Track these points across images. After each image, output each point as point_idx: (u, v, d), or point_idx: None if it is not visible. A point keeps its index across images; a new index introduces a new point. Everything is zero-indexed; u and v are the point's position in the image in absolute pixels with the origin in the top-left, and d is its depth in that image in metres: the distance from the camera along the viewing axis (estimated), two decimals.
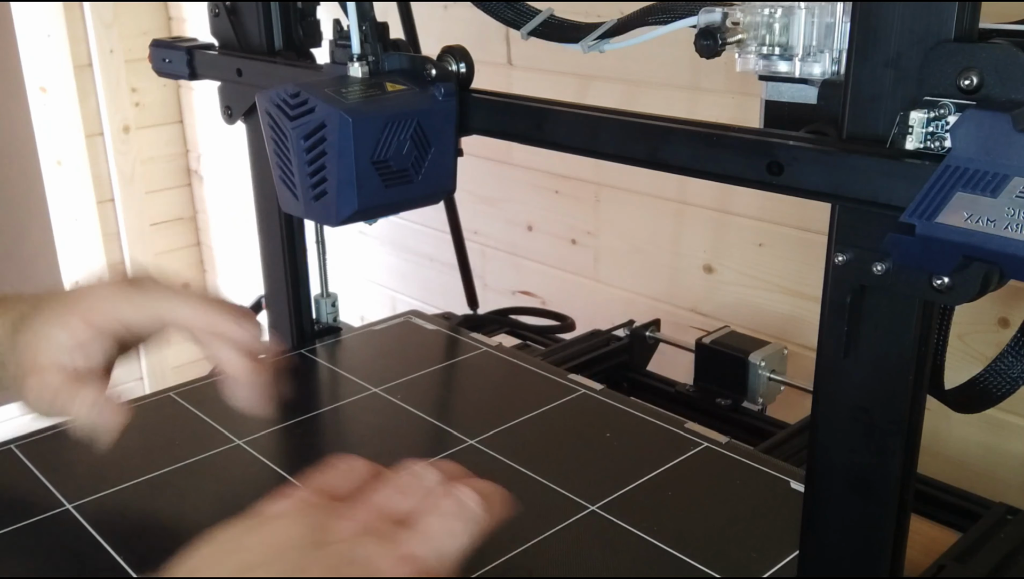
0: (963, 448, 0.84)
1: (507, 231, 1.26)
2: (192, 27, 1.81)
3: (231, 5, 0.71)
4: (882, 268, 0.38)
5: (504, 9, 0.55)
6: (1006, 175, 0.33)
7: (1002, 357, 0.43)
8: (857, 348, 0.40)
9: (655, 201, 1.06)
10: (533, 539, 0.53)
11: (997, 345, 0.78)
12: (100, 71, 1.78)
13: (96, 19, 1.76)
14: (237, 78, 0.71)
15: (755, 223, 0.97)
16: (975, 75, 0.34)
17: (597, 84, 1.06)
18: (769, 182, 0.41)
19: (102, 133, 1.83)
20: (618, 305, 1.13)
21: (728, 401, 0.74)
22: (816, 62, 0.42)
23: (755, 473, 0.60)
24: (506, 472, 0.60)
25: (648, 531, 0.54)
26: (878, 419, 0.41)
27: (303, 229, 0.77)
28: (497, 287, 1.30)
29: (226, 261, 1.97)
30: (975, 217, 0.34)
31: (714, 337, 0.76)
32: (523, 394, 0.71)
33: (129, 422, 0.52)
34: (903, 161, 0.36)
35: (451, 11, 1.18)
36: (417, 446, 0.64)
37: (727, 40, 0.43)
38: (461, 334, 0.82)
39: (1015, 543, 0.54)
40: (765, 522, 0.55)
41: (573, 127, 0.48)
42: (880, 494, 0.41)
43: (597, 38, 0.50)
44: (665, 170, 0.44)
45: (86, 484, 0.59)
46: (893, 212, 0.36)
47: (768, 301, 0.98)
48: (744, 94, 0.92)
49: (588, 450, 0.63)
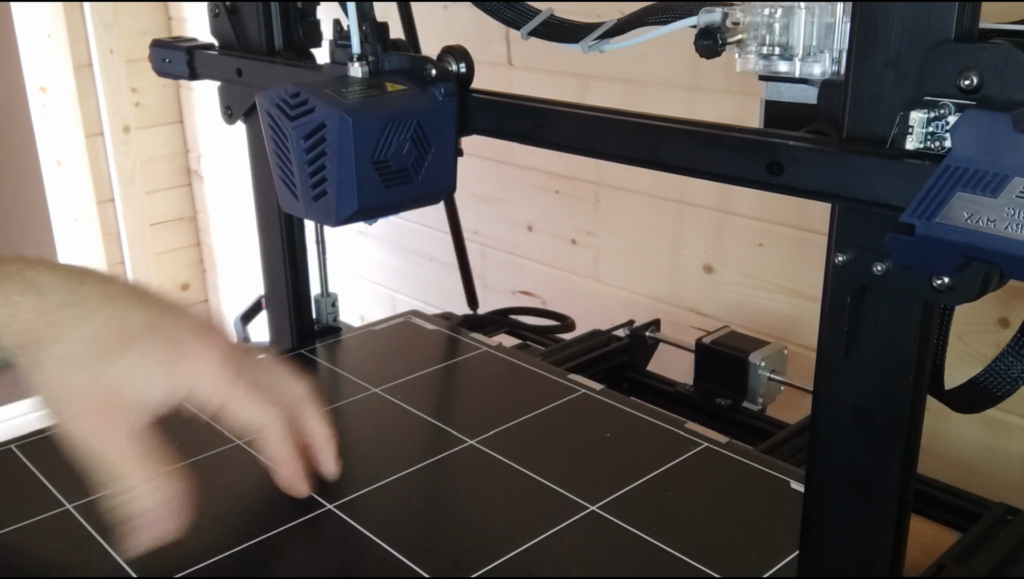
0: (963, 448, 0.84)
1: (507, 231, 1.26)
2: (192, 27, 1.81)
3: (231, 5, 0.71)
4: (882, 268, 0.38)
5: (504, 9, 0.55)
6: (1006, 175, 0.33)
7: (1002, 357, 0.43)
8: (857, 348, 0.40)
9: (655, 201, 1.06)
10: (533, 539, 0.53)
11: (997, 345, 0.78)
12: (100, 71, 1.78)
13: (96, 19, 1.76)
14: (237, 78, 0.71)
15: (755, 223, 0.97)
16: (975, 75, 0.34)
17: (597, 84, 1.06)
18: (769, 182, 0.41)
19: (102, 133, 1.83)
20: (618, 305, 1.13)
21: (728, 401, 0.74)
22: (816, 62, 0.42)
23: (755, 473, 0.60)
24: (506, 472, 0.60)
25: (648, 531, 0.54)
26: (878, 419, 0.41)
27: (303, 229, 0.77)
28: (497, 287, 1.30)
29: (226, 261, 1.97)
30: (975, 217, 0.34)
31: (714, 337, 0.76)
32: (523, 394, 0.71)
33: None
34: (903, 161, 0.36)
35: (451, 11, 1.18)
36: (417, 446, 0.64)
37: (727, 40, 0.43)
38: (461, 334, 0.82)
39: (1015, 543, 0.54)
40: (765, 522, 0.55)
41: (573, 127, 0.48)
42: (880, 494, 0.41)
43: (597, 38, 0.50)
44: (665, 170, 0.44)
45: (86, 484, 0.59)
46: (893, 212, 0.36)
47: (768, 301, 0.98)
48: (744, 94, 0.92)
49: (588, 450, 0.63)
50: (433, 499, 0.59)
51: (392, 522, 0.55)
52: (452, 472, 0.61)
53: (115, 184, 1.86)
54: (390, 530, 0.54)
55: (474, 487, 0.59)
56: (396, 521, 0.55)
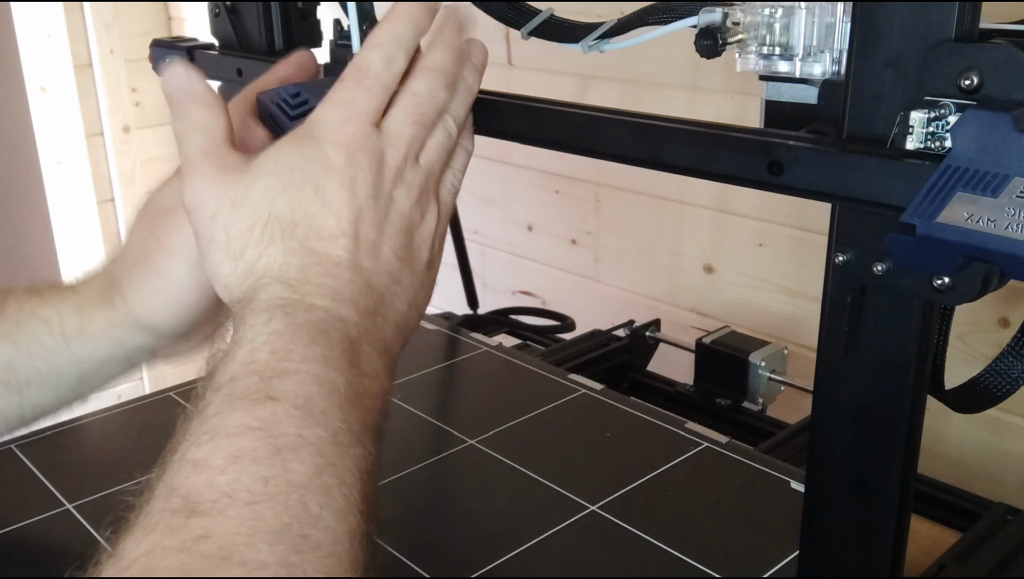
0: (963, 448, 0.84)
1: (507, 231, 1.26)
2: (192, 27, 1.80)
3: (231, 5, 0.71)
4: (882, 268, 0.38)
5: (504, 9, 0.55)
6: (1006, 175, 0.33)
7: (1002, 357, 0.43)
8: (857, 348, 0.40)
9: (655, 201, 1.06)
10: (533, 539, 0.53)
11: (997, 345, 0.78)
12: (100, 71, 1.78)
13: (96, 19, 1.76)
14: (237, 78, 0.71)
15: (755, 223, 0.97)
16: (975, 75, 0.34)
17: (597, 84, 1.06)
18: (769, 182, 0.40)
19: (102, 133, 1.83)
20: (618, 305, 1.13)
21: (728, 401, 0.74)
22: (816, 62, 0.42)
23: (755, 473, 0.60)
24: (506, 472, 0.60)
25: (648, 531, 0.54)
26: (878, 419, 0.41)
27: None
28: (497, 287, 1.30)
29: None
30: (975, 217, 0.34)
31: (714, 337, 0.76)
32: (523, 394, 0.71)
33: (129, 421, 0.52)
34: (903, 161, 0.36)
35: None
36: (417, 446, 0.64)
37: (727, 40, 0.43)
38: (461, 334, 0.82)
39: (1015, 543, 0.54)
40: (765, 522, 0.55)
41: (573, 127, 0.48)
42: (880, 494, 0.41)
43: (597, 38, 0.50)
44: (665, 170, 0.44)
45: (86, 484, 0.59)
46: (893, 212, 0.36)
47: (768, 301, 0.98)
48: (744, 94, 0.92)
49: (588, 450, 0.63)
50: (433, 499, 0.59)
51: (392, 522, 0.55)
52: (452, 472, 0.61)
53: (115, 184, 1.86)
54: (390, 530, 0.54)
55: (474, 487, 0.59)
56: (396, 521, 0.55)
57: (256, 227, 0.43)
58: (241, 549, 0.30)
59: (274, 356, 0.37)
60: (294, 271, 0.41)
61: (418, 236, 0.47)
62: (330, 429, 0.36)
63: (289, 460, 0.34)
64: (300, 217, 0.43)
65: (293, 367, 0.37)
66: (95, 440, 0.66)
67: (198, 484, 0.32)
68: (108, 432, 0.67)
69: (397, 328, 0.45)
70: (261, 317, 0.39)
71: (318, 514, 0.33)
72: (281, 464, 0.33)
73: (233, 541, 0.30)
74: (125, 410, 0.69)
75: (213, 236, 0.43)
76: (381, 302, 0.44)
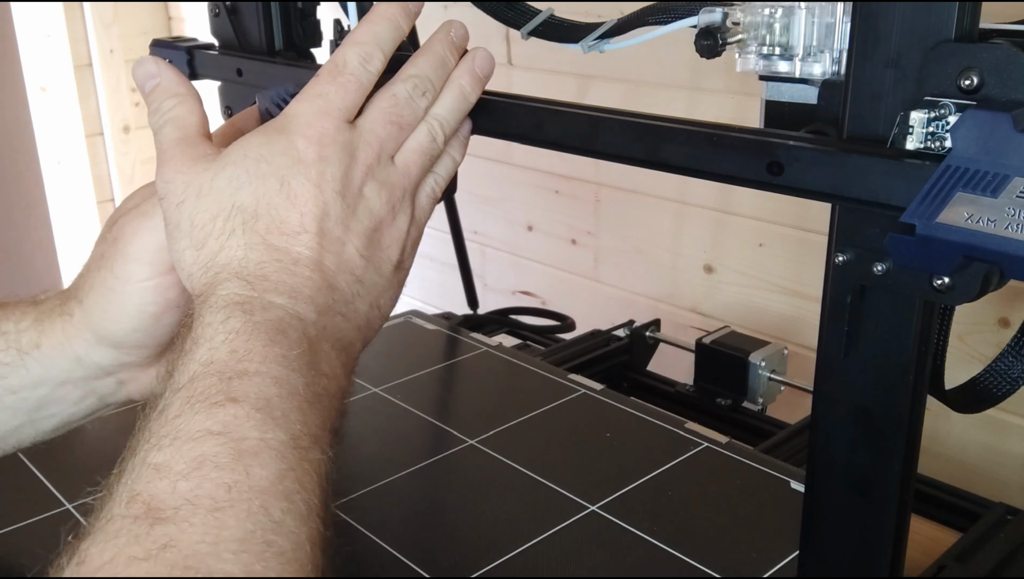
0: (963, 448, 0.84)
1: (507, 231, 1.26)
2: (192, 27, 1.80)
3: (231, 5, 0.71)
4: (882, 268, 0.38)
5: (504, 9, 0.55)
6: (1006, 175, 0.33)
7: (1002, 357, 0.43)
8: (857, 348, 0.40)
9: (655, 201, 1.06)
10: (533, 539, 0.53)
11: (997, 345, 0.78)
12: (100, 71, 1.78)
13: (96, 19, 1.76)
14: (237, 78, 0.71)
15: (755, 223, 0.97)
16: (975, 75, 0.34)
17: (597, 84, 1.06)
18: (769, 182, 0.40)
19: (102, 133, 1.83)
20: (618, 305, 1.13)
21: (728, 401, 0.74)
22: (816, 62, 0.42)
23: (755, 473, 0.60)
24: (506, 472, 0.60)
25: (648, 531, 0.54)
26: (878, 419, 0.41)
27: None
28: (497, 287, 1.30)
29: None
30: (975, 217, 0.34)
31: (714, 337, 0.76)
32: (523, 394, 0.71)
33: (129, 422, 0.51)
34: (903, 161, 0.36)
35: (451, 11, 1.17)
36: (417, 446, 0.64)
37: (727, 40, 0.43)
38: (461, 334, 0.82)
39: (1015, 543, 0.54)
40: (765, 522, 0.55)
41: (573, 127, 0.48)
42: (880, 494, 0.41)
43: (597, 38, 0.50)
44: (665, 170, 0.44)
45: (86, 484, 0.59)
46: (893, 212, 0.36)
47: (768, 301, 0.98)
48: (744, 94, 0.92)
49: (588, 450, 0.63)
50: (433, 499, 0.59)
51: (392, 522, 0.55)
52: (452, 472, 0.61)
53: (115, 184, 1.85)
54: (390, 530, 0.54)
55: (474, 487, 0.59)
56: (396, 521, 0.55)
57: (219, 217, 0.43)
58: (206, 558, 0.30)
59: (233, 356, 0.37)
60: (253, 266, 0.41)
61: (387, 236, 0.46)
62: (290, 432, 0.36)
63: (251, 465, 0.33)
64: (263, 210, 0.43)
65: (252, 368, 0.37)
66: (95, 440, 0.66)
67: (160, 489, 0.32)
68: (108, 432, 0.67)
69: (358, 328, 0.45)
70: (219, 315, 0.39)
71: (280, 520, 0.33)
72: (243, 469, 0.33)
73: (198, 550, 0.30)
74: (125, 410, 0.69)
75: (179, 223, 0.43)
76: (342, 301, 0.43)
